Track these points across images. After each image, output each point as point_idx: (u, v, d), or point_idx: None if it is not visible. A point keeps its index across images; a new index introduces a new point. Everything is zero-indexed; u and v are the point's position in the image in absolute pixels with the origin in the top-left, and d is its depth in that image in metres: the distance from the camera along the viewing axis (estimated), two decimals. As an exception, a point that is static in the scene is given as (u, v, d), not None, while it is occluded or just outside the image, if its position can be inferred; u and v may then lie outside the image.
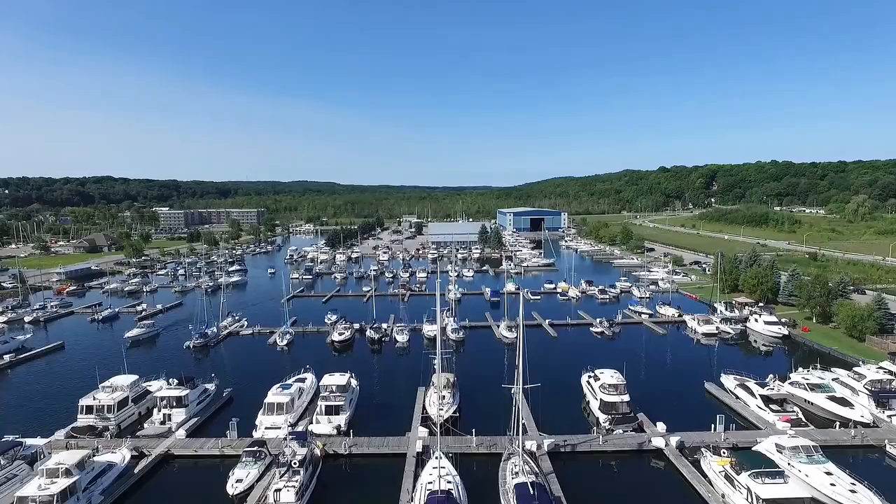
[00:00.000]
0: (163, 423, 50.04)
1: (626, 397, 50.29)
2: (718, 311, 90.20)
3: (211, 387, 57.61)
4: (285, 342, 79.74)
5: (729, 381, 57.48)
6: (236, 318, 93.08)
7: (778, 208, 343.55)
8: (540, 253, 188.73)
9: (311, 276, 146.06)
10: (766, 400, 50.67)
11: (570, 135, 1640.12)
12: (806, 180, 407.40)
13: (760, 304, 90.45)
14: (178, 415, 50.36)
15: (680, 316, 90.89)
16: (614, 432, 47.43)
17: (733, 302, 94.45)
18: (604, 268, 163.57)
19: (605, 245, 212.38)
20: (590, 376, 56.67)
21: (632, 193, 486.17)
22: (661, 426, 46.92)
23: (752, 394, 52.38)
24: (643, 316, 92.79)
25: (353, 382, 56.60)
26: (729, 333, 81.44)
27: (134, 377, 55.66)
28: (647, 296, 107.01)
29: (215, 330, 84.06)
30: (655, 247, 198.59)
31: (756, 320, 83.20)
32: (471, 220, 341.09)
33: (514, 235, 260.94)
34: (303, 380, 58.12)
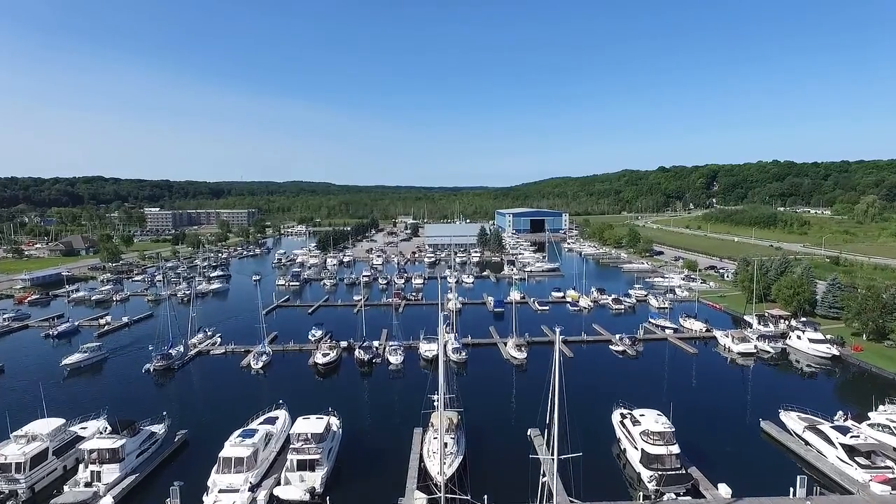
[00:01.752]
0: (89, 483, 39.32)
1: (676, 449, 39.96)
2: (753, 327, 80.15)
3: (160, 429, 47.02)
4: (261, 364, 69.16)
5: (792, 420, 47.33)
6: (209, 333, 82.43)
7: (782, 209, 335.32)
8: (543, 256, 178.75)
9: (298, 283, 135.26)
10: (850, 451, 40.43)
11: (567, 134, 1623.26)
12: (809, 180, 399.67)
13: (803, 319, 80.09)
14: (110, 473, 39.59)
15: (708, 331, 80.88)
16: (664, 497, 37.23)
17: (766, 315, 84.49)
18: (611, 273, 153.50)
19: (610, 248, 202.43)
20: (624, 415, 46.34)
21: (631, 194, 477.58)
22: (724, 490, 36.72)
23: (828, 441, 42.12)
24: (667, 331, 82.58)
25: (335, 425, 46.11)
26: (768, 353, 71.45)
27: (59, 422, 44.67)
28: (668, 306, 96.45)
29: (182, 349, 73.26)
30: (664, 250, 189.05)
31: (799, 337, 73.13)
32: (468, 221, 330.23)
33: (514, 237, 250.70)
34: (273, 420, 47.60)
